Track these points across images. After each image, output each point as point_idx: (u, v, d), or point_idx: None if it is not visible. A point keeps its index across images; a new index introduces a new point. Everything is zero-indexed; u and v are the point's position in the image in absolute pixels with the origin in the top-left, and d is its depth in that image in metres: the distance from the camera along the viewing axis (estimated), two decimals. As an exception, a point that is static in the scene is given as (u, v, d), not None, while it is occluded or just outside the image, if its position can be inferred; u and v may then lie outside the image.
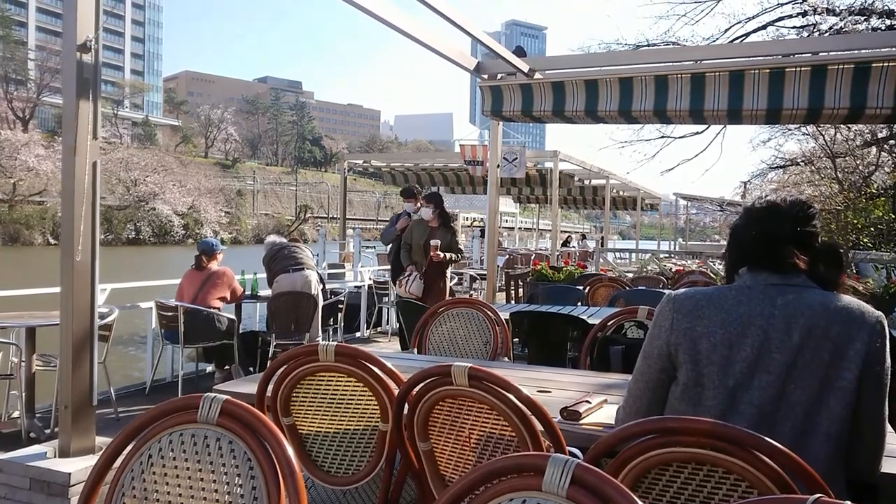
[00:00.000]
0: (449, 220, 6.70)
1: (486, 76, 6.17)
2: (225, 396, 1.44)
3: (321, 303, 6.63)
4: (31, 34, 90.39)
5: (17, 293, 5.55)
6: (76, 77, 3.14)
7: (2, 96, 64.64)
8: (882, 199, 13.29)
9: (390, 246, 7.32)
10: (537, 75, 5.95)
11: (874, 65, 4.77)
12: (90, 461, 3.16)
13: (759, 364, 1.66)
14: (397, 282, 6.66)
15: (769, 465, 1.35)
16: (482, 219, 26.82)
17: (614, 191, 19.14)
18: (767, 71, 5.06)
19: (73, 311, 3.21)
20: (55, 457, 3.22)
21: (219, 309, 6.11)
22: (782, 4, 13.37)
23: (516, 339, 5.07)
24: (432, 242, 6.32)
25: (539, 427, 1.82)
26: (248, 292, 6.92)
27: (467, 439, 1.95)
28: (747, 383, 1.66)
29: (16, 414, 4.86)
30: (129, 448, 1.49)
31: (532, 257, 16.83)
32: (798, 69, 4.97)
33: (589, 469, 1.11)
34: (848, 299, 1.70)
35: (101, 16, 3.23)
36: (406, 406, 2.01)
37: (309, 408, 2.26)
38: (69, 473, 3.07)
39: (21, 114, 65.14)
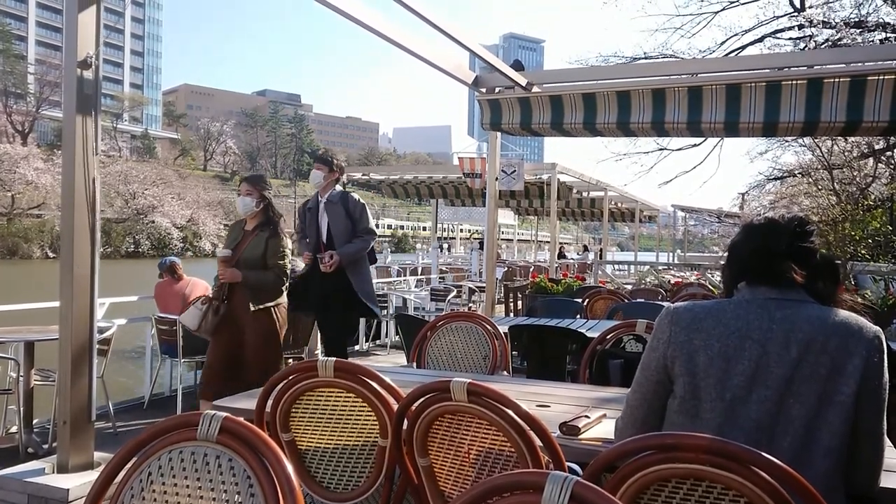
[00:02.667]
0: (274, 219, 4.67)
1: (484, 90, 6.21)
2: (224, 413, 1.44)
3: None
4: (30, 48, 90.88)
5: (15, 307, 5.55)
6: (76, 93, 3.16)
7: (1, 110, 64.87)
8: (879, 210, 13.35)
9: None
10: (535, 89, 5.98)
11: (870, 78, 4.81)
12: (89, 477, 3.15)
13: (757, 378, 1.67)
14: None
15: (767, 480, 1.35)
16: (481, 231, 26.85)
17: (612, 203, 19.19)
18: (764, 84, 5.10)
19: (72, 326, 3.21)
20: (53, 472, 3.22)
21: None
22: (778, 17, 13.47)
23: (515, 353, 5.06)
24: (219, 254, 4.56)
25: (538, 442, 1.82)
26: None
27: (466, 455, 1.95)
28: (745, 397, 1.67)
29: (14, 429, 4.85)
30: (128, 465, 1.49)
31: (531, 269, 16.85)
32: (794, 82, 5.01)
33: (588, 486, 1.11)
34: (846, 314, 1.71)
35: (101, 32, 3.25)
36: (405, 421, 2.01)
37: (308, 423, 2.26)
38: (67, 489, 3.06)
39: (20, 127, 65.36)
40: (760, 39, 13.69)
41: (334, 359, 2.16)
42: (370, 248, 5.36)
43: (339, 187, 5.37)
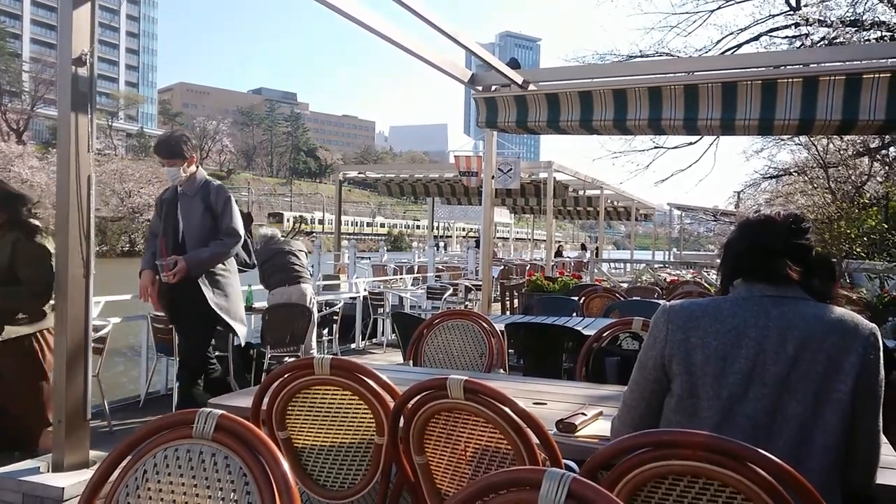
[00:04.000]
0: (23, 216, 3.75)
1: (480, 88, 6.20)
2: (220, 411, 1.44)
3: (315, 314, 6.60)
4: (25, 46, 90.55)
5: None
6: (71, 90, 3.15)
7: (-4, 108, 64.67)
8: (875, 208, 13.39)
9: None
10: (531, 87, 5.97)
11: (865, 76, 4.81)
12: (84, 475, 3.14)
13: (753, 376, 1.67)
14: None
15: (765, 477, 1.35)
16: (477, 229, 26.87)
17: (609, 201, 19.22)
18: (760, 82, 5.09)
19: (67, 324, 3.20)
20: (48, 471, 3.20)
21: None
22: (774, 16, 13.50)
23: (512, 351, 5.06)
24: None
25: (535, 440, 1.82)
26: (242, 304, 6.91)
27: (463, 452, 1.95)
28: (742, 395, 1.67)
29: (9, 428, 4.82)
30: (124, 463, 1.49)
31: (527, 268, 16.86)
32: (790, 80, 5.01)
33: (585, 483, 1.11)
34: (842, 311, 1.71)
35: (96, 29, 3.24)
36: (402, 419, 2.01)
37: (304, 421, 2.25)
38: (63, 488, 3.05)
39: (15, 125, 65.14)
40: (756, 38, 13.73)
41: (330, 357, 2.16)
42: (232, 251, 4.28)
43: (201, 174, 4.38)
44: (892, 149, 14.70)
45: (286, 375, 2.19)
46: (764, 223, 1.82)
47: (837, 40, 11.20)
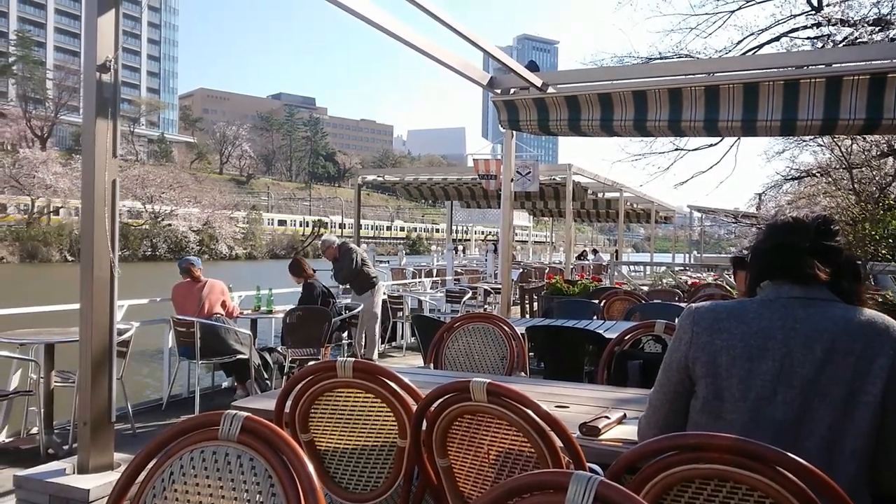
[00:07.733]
0: None
1: (499, 91, 6.19)
2: (245, 413, 1.45)
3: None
4: (49, 54, 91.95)
5: (35, 310, 5.60)
6: (96, 97, 3.19)
7: (21, 115, 65.67)
8: (900, 209, 13.15)
9: None
10: (550, 89, 5.96)
11: (890, 75, 4.75)
12: (109, 477, 3.18)
13: (781, 378, 1.64)
14: None
15: (793, 481, 1.33)
16: (496, 233, 26.83)
17: (628, 203, 19.09)
18: (782, 83, 5.04)
19: (92, 328, 3.24)
20: (74, 473, 3.24)
21: (226, 316, 6.16)
22: (795, 16, 13.36)
23: (532, 354, 5.05)
24: None
25: (558, 443, 1.81)
26: (263, 308, 6.96)
27: (486, 455, 1.94)
28: (769, 398, 1.64)
29: (34, 430, 4.89)
30: (150, 465, 1.50)
31: (546, 271, 16.79)
32: (813, 80, 4.95)
33: (612, 487, 1.10)
34: (871, 313, 1.68)
35: (120, 37, 3.28)
36: (424, 422, 2.01)
37: (327, 424, 2.26)
38: (88, 490, 3.08)
39: (39, 132, 66.15)
40: (777, 38, 13.58)
41: (353, 359, 2.16)
42: None
43: None
44: (917, 149, 14.48)
45: (309, 378, 2.20)
46: (792, 223, 1.80)
47: (860, 40, 11.05)
